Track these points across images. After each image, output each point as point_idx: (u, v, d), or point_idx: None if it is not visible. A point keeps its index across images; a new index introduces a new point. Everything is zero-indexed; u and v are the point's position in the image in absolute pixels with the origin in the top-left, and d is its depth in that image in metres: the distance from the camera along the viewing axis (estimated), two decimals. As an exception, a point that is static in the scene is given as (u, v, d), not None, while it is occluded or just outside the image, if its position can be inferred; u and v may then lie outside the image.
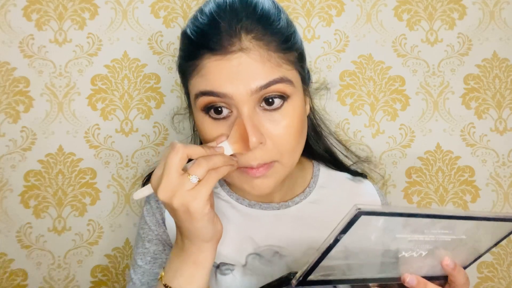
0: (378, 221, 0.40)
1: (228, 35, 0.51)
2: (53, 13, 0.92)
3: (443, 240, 0.45)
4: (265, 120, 0.52)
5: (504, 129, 0.96)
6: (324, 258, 0.41)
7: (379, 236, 0.42)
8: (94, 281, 0.91)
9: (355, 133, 0.96)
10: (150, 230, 0.65)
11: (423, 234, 0.44)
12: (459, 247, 0.48)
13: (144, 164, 0.92)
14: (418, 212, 0.41)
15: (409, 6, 0.97)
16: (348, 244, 0.41)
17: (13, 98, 0.90)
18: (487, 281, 0.95)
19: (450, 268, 0.48)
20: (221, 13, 0.52)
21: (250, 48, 0.51)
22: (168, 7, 0.94)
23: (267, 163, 0.53)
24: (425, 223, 0.43)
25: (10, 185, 0.89)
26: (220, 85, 0.51)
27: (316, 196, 0.66)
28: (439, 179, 0.96)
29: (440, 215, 0.42)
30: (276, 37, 0.53)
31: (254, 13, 0.53)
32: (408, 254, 0.45)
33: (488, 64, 0.97)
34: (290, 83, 0.52)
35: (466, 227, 0.45)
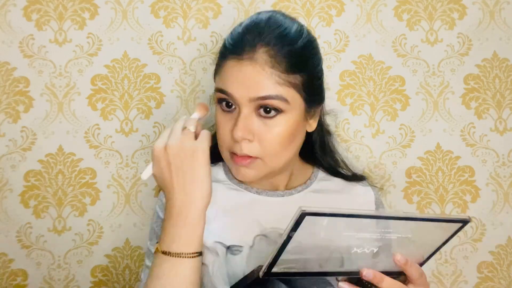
0: (323, 221, 0.45)
1: (247, 45, 0.61)
2: (53, 13, 0.92)
3: (390, 238, 0.50)
4: (258, 123, 0.62)
5: (504, 129, 0.96)
6: (282, 252, 0.46)
7: (327, 233, 0.47)
8: (94, 281, 0.91)
9: (355, 133, 0.96)
10: (160, 219, 0.70)
11: (369, 232, 0.48)
12: (409, 244, 0.52)
13: (144, 164, 0.92)
14: (357, 213, 0.46)
15: (409, 6, 0.97)
16: (302, 240, 0.46)
17: (13, 98, 0.90)
18: (487, 281, 0.95)
19: (402, 264, 0.51)
20: (250, 27, 0.64)
21: (260, 61, 0.60)
22: (168, 7, 0.94)
23: (250, 156, 0.63)
24: (367, 223, 0.48)
25: (10, 185, 0.89)
26: (229, 86, 0.62)
27: (316, 186, 0.74)
28: (439, 179, 0.96)
29: (377, 215, 0.48)
30: (287, 60, 0.61)
31: (274, 31, 0.62)
32: (360, 250, 0.50)
33: (488, 64, 0.97)
34: (285, 101, 0.61)
35: (409, 227, 0.50)
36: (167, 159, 0.57)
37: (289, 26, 0.64)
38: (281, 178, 0.72)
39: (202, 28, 0.94)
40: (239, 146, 0.62)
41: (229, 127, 0.63)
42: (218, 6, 0.95)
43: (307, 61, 0.65)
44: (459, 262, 0.95)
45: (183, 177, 0.57)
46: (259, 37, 0.61)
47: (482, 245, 0.95)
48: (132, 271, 0.92)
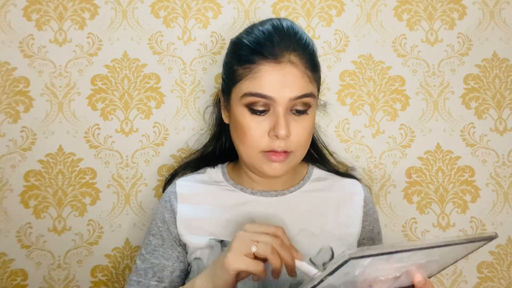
0: (365, 261, 0.43)
1: (280, 48, 0.66)
2: (53, 13, 0.92)
3: (418, 263, 0.49)
4: (292, 121, 0.68)
5: (504, 129, 0.96)
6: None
7: (363, 271, 0.45)
8: (94, 281, 0.91)
9: (355, 133, 0.96)
10: (156, 226, 0.76)
11: (402, 262, 0.47)
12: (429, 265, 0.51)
13: (144, 164, 0.92)
14: (400, 249, 0.43)
15: (409, 6, 0.97)
16: (333, 282, 0.44)
17: (13, 98, 0.90)
18: (487, 281, 0.95)
19: (421, 284, 0.52)
20: (275, 31, 0.69)
21: (295, 62, 0.67)
22: (168, 7, 0.94)
23: (287, 151, 0.68)
24: (407, 255, 0.45)
25: (10, 185, 0.89)
26: (269, 90, 0.66)
27: (309, 187, 0.78)
28: (439, 179, 0.96)
29: (421, 247, 0.44)
30: (310, 59, 0.69)
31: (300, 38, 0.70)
32: (385, 277, 0.48)
33: (488, 64, 0.97)
34: (314, 97, 0.69)
35: (441, 251, 0.48)
36: None
37: (300, 31, 0.72)
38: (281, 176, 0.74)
39: (202, 28, 0.94)
40: (279, 142, 0.67)
41: (263, 128, 0.67)
42: (218, 6, 0.95)
43: (318, 62, 0.73)
44: (459, 262, 0.95)
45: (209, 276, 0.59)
46: (289, 42, 0.68)
47: (482, 245, 0.95)
48: (132, 271, 0.92)
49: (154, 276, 0.72)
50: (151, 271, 0.73)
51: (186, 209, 0.74)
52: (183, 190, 0.77)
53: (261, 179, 0.75)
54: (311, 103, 0.69)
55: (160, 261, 0.73)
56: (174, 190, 0.77)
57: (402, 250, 0.43)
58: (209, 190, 0.77)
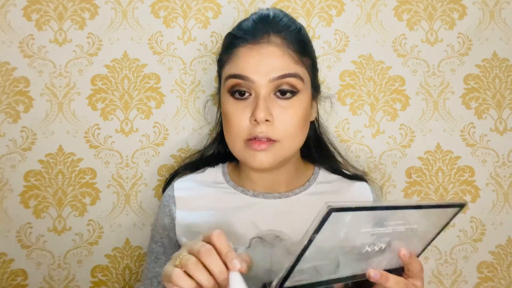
0: (346, 217, 0.44)
1: (261, 31, 0.66)
2: (53, 13, 0.92)
3: (399, 231, 0.49)
4: (276, 105, 0.64)
5: (504, 129, 0.96)
6: (299, 261, 0.44)
7: (347, 232, 0.46)
8: (94, 281, 0.91)
9: (355, 133, 0.96)
10: (157, 232, 0.75)
11: (383, 226, 0.48)
12: (411, 237, 0.52)
13: (144, 164, 0.92)
14: (380, 205, 0.46)
15: (409, 6, 0.97)
16: (320, 244, 0.44)
17: (13, 98, 0.90)
18: (487, 281, 0.95)
19: (407, 258, 0.52)
20: (260, 19, 0.69)
21: (276, 42, 0.65)
22: (168, 7, 0.94)
23: (270, 139, 0.64)
24: (385, 215, 0.47)
25: (10, 185, 0.89)
26: (247, 70, 0.64)
27: (314, 189, 0.74)
28: (439, 179, 0.96)
29: (398, 206, 0.47)
30: (297, 42, 0.67)
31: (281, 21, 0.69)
32: (371, 248, 0.49)
33: (488, 64, 0.97)
34: (301, 79, 0.65)
35: (417, 216, 0.50)
36: None
37: (289, 19, 0.71)
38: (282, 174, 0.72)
39: (202, 28, 0.94)
40: (261, 127, 0.63)
41: (245, 114, 0.64)
42: (218, 6, 0.95)
43: (309, 45, 0.71)
44: (459, 262, 0.95)
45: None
46: (269, 26, 0.67)
47: (482, 245, 0.95)
48: (132, 271, 0.92)
49: (159, 286, 0.70)
50: (155, 280, 0.71)
51: (184, 215, 0.72)
52: (182, 193, 0.75)
53: (262, 179, 0.72)
54: (298, 86, 0.65)
55: None
56: (172, 194, 0.75)
57: (380, 207, 0.46)
58: (208, 193, 0.74)
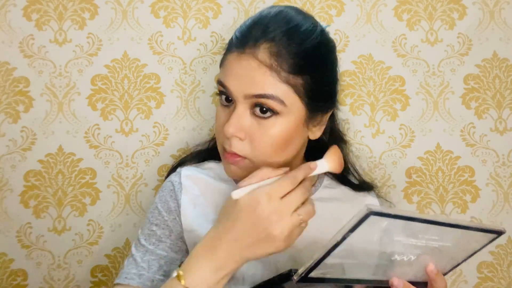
0: (383, 223, 0.43)
1: (251, 38, 0.58)
2: (53, 13, 0.92)
3: (431, 246, 0.49)
4: (252, 122, 0.59)
5: (504, 129, 0.96)
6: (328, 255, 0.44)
7: (380, 237, 0.45)
8: (94, 281, 0.91)
9: (355, 133, 0.96)
10: (160, 215, 0.69)
11: (417, 238, 0.47)
12: (442, 254, 0.51)
13: (144, 164, 0.92)
14: (418, 217, 0.44)
15: (409, 6, 0.97)
16: (353, 243, 0.44)
17: (13, 98, 0.90)
18: (487, 281, 0.95)
19: (433, 274, 0.51)
20: (257, 20, 0.61)
21: (261, 58, 0.57)
22: (168, 7, 0.94)
23: (238, 155, 0.60)
24: (421, 228, 0.46)
25: (10, 185, 0.89)
26: (227, 80, 0.60)
27: (320, 195, 0.72)
28: (439, 179, 0.96)
29: (436, 221, 0.45)
30: (290, 59, 0.57)
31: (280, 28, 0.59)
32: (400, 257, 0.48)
33: (488, 64, 0.97)
34: (281, 103, 0.57)
35: (453, 235, 0.49)
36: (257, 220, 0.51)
37: (300, 23, 0.60)
38: None
39: (202, 28, 0.94)
40: (229, 142, 0.60)
41: (224, 121, 0.60)
42: (218, 6, 0.95)
43: (315, 63, 0.60)
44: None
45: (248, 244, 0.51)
46: (263, 32, 0.58)
47: (482, 245, 0.95)
48: (132, 271, 0.92)
49: (160, 270, 0.64)
50: (156, 264, 0.65)
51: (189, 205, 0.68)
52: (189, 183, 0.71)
53: None
54: (276, 108, 0.58)
55: (168, 253, 0.66)
56: (179, 181, 0.70)
57: (418, 219, 0.44)
58: (214, 188, 0.70)
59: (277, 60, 0.57)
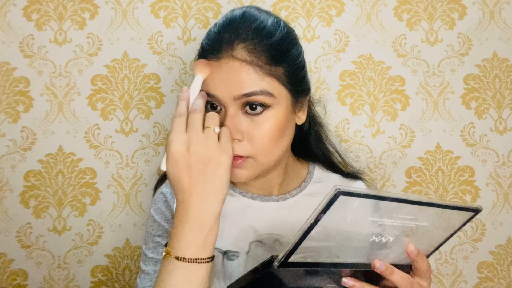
0: (354, 203, 0.44)
1: (224, 43, 0.60)
2: (53, 13, 0.92)
3: (408, 226, 0.49)
4: (246, 121, 0.60)
5: (504, 129, 0.96)
6: (305, 238, 0.45)
7: (354, 217, 0.46)
8: (94, 281, 0.91)
9: (355, 133, 0.96)
10: (159, 226, 0.69)
11: (391, 218, 0.48)
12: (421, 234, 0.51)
13: (144, 164, 0.92)
14: (389, 196, 0.45)
15: (409, 6, 0.97)
16: (327, 225, 0.44)
17: (13, 98, 0.90)
18: (487, 281, 0.95)
19: (414, 254, 0.51)
20: (226, 25, 0.62)
21: (240, 58, 0.59)
22: (168, 7, 0.94)
23: (241, 156, 0.61)
24: (394, 207, 0.47)
25: (10, 185, 0.89)
26: (211, 88, 0.60)
27: (311, 189, 0.73)
28: (439, 179, 0.96)
29: (407, 199, 0.46)
30: (266, 53, 0.60)
31: (250, 27, 0.61)
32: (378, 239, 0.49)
33: (488, 64, 0.97)
34: (270, 95, 0.60)
35: (428, 214, 0.49)
36: (188, 163, 0.53)
37: (264, 19, 0.63)
38: (274, 178, 0.70)
39: (202, 28, 0.94)
40: None
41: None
42: (218, 6, 0.95)
43: (287, 52, 0.63)
44: (459, 262, 0.95)
45: (203, 183, 0.53)
46: (235, 34, 0.60)
47: (482, 245, 0.95)
48: (132, 271, 0.92)
49: None
50: None
51: None
52: None
53: (254, 183, 0.70)
54: (267, 101, 0.60)
55: None
56: (171, 191, 0.71)
57: (389, 197, 0.45)
58: None
59: (255, 56, 0.59)
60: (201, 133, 0.54)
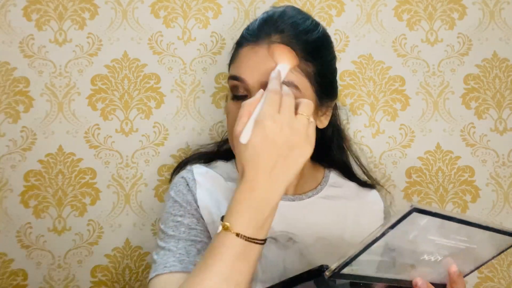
0: (422, 220, 0.42)
1: (263, 31, 0.63)
2: (53, 13, 0.92)
3: (459, 247, 0.48)
4: None
5: (504, 129, 0.96)
6: (365, 251, 0.43)
7: (416, 235, 0.45)
8: (94, 281, 0.91)
9: (355, 133, 0.96)
10: (181, 207, 0.68)
11: (448, 238, 0.47)
12: (467, 256, 0.51)
13: (144, 164, 0.92)
14: (456, 217, 0.43)
15: (409, 6, 0.97)
16: (388, 240, 0.43)
17: (13, 98, 0.90)
18: (487, 281, 0.95)
19: (456, 275, 0.51)
20: (266, 18, 0.66)
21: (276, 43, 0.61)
22: (168, 7, 0.94)
23: None
24: (454, 228, 0.45)
25: (10, 185, 0.89)
26: (241, 71, 0.62)
27: (326, 192, 0.74)
28: (439, 179, 0.96)
29: (472, 222, 0.45)
30: (300, 46, 0.62)
31: (288, 21, 0.64)
32: (428, 257, 0.48)
33: (488, 64, 0.97)
34: (296, 88, 0.61)
35: (481, 237, 0.48)
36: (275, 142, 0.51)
37: (303, 17, 0.66)
38: None
39: (202, 28, 0.94)
40: None
41: None
42: (218, 6, 0.95)
43: (321, 52, 0.65)
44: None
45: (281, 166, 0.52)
46: (274, 26, 0.63)
47: (482, 245, 0.95)
48: (132, 271, 0.92)
49: (199, 254, 0.63)
50: (194, 249, 0.63)
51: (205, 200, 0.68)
52: (202, 179, 0.71)
53: None
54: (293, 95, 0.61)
55: (202, 238, 0.65)
56: (193, 177, 0.71)
57: (456, 218, 0.43)
58: (226, 187, 0.71)
59: (290, 46, 0.61)
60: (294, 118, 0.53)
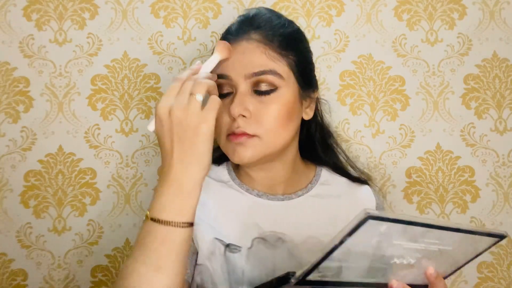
0: (382, 226, 0.43)
1: (241, 30, 0.67)
2: (53, 13, 0.92)
3: (431, 250, 0.49)
4: (254, 101, 0.64)
5: (504, 129, 0.96)
6: (326, 258, 0.44)
7: (379, 241, 0.45)
8: (94, 281, 0.91)
9: (355, 133, 0.96)
10: None
11: (417, 242, 0.47)
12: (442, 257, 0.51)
13: (144, 164, 0.92)
14: (418, 221, 0.44)
15: (409, 6, 0.97)
16: (351, 247, 0.43)
17: (13, 98, 0.90)
18: (487, 281, 0.95)
19: (433, 277, 0.52)
20: (243, 19, 0.70)
21: (255, 39, 0.65)
22: (168, 7, 0.94)
23: (247, 133, 0.63)
24: (421, 232, 0.46)
25: (10, 185, 0.89)
26: (225, 68, 0.64)
27: (317, 191, 0.74)
28: (439, 179, 0.96)
29: (436, 225, 0.45)
30: (279, 37, 0.66)
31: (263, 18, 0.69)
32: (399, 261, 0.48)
33: (488, 64, 0.97)
34: (279, 76, 0.64)
35: (454, 239, 0.49)
36: (169, 125, 0.53)
37: (277, 15, 0.71)
38: (279, 172, 0.72)
39: (202, 28, 0.94)
40: (237, 123, 0.63)
41: (226, 110, 0.64)
42: (218, 6, 0.95)
43: (298, 43, 0.70)
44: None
45: (182, 146, 0.53)
46: (250, 23, 0.67)
47: (482, 245, 0.95)
48: (132, 271, 0.92)
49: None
50: None
51: None
52: None
53: (258, 177, 0.71)
54: (275, 82, 0.64)
55: None
56: None
57: (418, 223, 0.44)
58: (217, 189, 0.72)
59: (268, 40, 0.65)
60: (185, 99, 0.53)
